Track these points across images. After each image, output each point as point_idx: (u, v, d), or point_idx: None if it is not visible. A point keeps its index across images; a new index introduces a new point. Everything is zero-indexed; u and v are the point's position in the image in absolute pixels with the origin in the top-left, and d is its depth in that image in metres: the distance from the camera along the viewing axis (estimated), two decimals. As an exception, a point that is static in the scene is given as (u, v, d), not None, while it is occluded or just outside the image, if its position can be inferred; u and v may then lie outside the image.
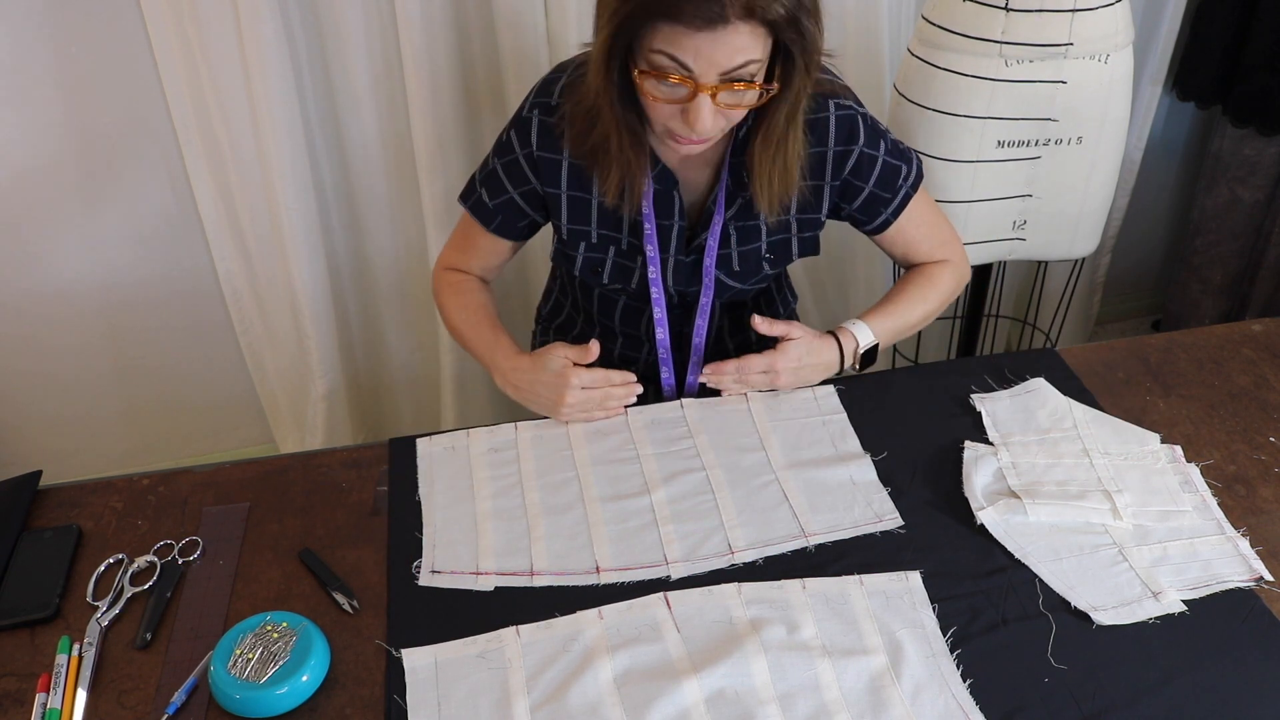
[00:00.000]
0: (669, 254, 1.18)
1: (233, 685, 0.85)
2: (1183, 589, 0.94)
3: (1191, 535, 1.00)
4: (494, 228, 1.23)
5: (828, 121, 1.11)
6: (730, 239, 1.17)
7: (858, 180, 1.15)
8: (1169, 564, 0.97)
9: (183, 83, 1.69)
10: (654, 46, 0.93)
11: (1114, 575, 0.96)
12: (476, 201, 1.23)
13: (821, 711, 0.84)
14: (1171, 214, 2.50)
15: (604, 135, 1.05)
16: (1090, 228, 1.65)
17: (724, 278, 1.20)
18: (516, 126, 1.14)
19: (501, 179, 1.19)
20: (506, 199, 1.20)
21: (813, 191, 1.15)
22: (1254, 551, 0.98)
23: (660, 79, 0.95)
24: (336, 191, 1.87)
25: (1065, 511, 1.01)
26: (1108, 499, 1.03)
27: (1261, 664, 0.88)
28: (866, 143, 1.13)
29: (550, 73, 1.15)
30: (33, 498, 1.08)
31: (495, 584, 0.96)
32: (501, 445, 1.13)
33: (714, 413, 1.17)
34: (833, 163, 1.13)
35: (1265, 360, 1.26)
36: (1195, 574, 0.96)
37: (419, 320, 2.06)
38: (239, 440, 2.21)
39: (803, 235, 1.20)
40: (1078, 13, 1.42)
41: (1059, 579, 0.95)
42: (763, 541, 1.00)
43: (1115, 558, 0.97)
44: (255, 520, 1.05)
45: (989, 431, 1.12)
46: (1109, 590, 0.94)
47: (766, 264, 1.20)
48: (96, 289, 1.90)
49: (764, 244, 1.18)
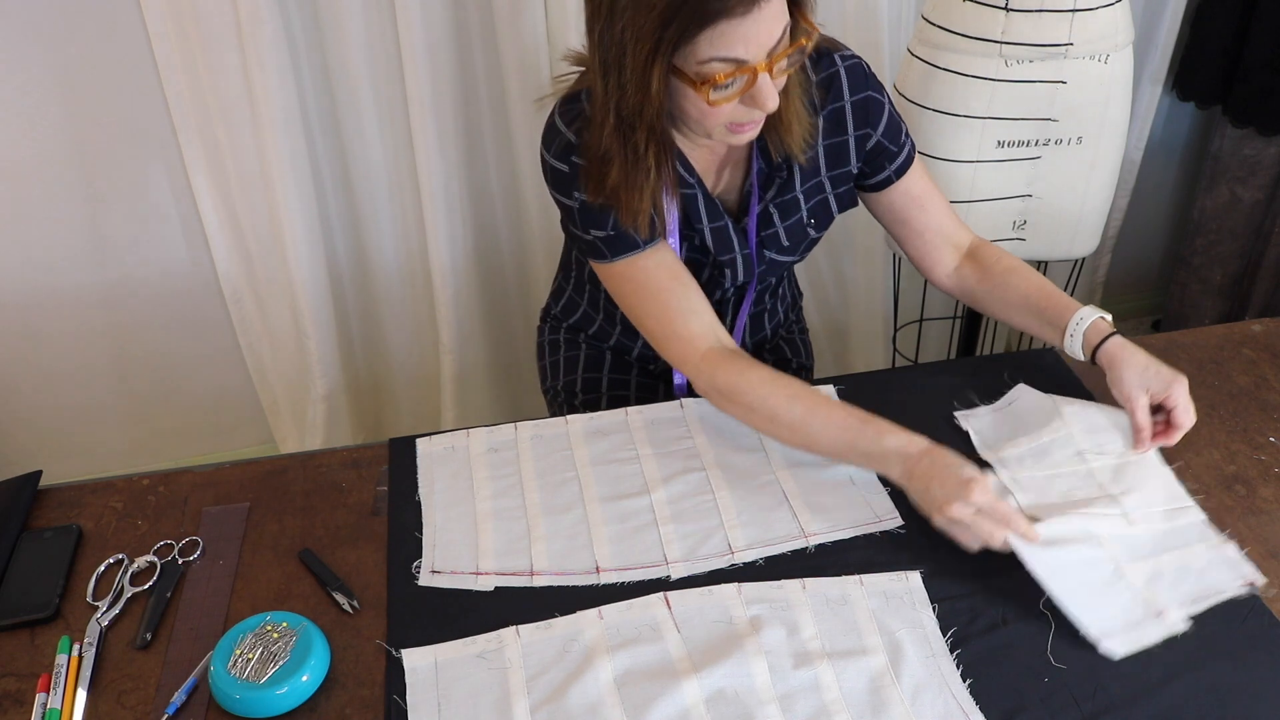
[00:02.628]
0: (734, 252, 1.17)
1: (233, 685, 0.85)
2: (1184, 603, 0.91)
3: (1181, 545, 0.97)
4: (643, 242, 1.09)
5: (839, 75, 1.12)
6: (773, 217, 1.17)
7: (870, 127, 1.15)
8: (1164, 579, 0.94)
9: (183, 83, 1.69)
10: (703, 57, 0.91)
11: (1115, 594, 0.92)
12: (605, 242, 1.09)
13: (821, 712, 0.84)
14: (1171, 214, 2.50)
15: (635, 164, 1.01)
16: (1090, 228, 1.65)
17: (774, 255, 1.20)
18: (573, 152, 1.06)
19: (592, 207, 1.07)
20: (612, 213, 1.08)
21: (838, 147, 1.15)
22: (1242, 554, 0.97)
23: (719, 84, 0.93)
24: (336, 191, 1.87)
25: (1074, 523, 0.98)
26: (1115, 503, 1.01)
27: (1261, 664, 0.88)
28: (874, 89, 1.14)
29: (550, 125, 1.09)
30: (33, 498, 1.08)
31: (495, 584, 0.96)
32: (501, 445, 1.13)
33: (714, 412, 1.16)
34: (852, 114, 1.14)
35: (1265, 360, 1.26)
36: (1191, 586, 0.93)
37: (419, 320, 2.07)
38: (239, 440, 2.21)
39: (838, 191, 1.20)
40: (1078, 13, 1.42)
41: (1069, 598, 0.91)
42: (762, 541, 1.00)
43: (1113, 575, 0.94)
44: (255, 520, 1.05)
45: (979, 450, 1.10)
46: (1113, 612, 0.91)
47: (811, 229, 1.20)
48: (96, 289, 1.90)
49: (804, 212, 1.18)
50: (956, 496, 0.94)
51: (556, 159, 1.08)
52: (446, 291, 1.94)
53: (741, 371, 1.08)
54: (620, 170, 1.02)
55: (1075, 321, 1.12)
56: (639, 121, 0.98)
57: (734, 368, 1.08)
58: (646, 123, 0.98)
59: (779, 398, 1.06)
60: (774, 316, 1.39)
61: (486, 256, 1.99)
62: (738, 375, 1.07)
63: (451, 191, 1.84)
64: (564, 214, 1.13)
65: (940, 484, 0.96)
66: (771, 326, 1.40)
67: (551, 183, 1.10)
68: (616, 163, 1.02)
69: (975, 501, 0.93)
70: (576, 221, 1.11)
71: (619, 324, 1.35)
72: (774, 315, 1.39)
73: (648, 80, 0.93)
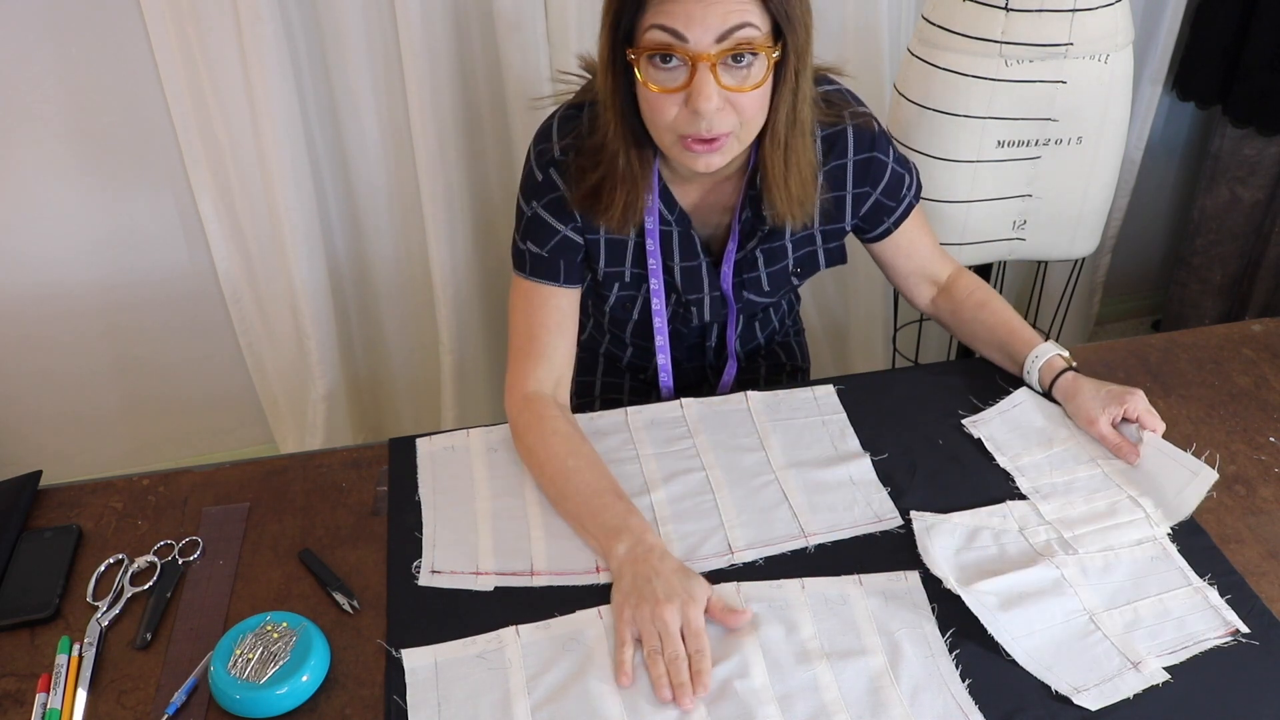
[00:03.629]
0: (703, 293, 1.19)
1: (233, 685, 0.85)
2: (1162, 653, 0.88)
3: (1160, 591, 0.94)
4: (563, 279, 1.12)
5: (845, 133, 1.12)
6: (757, 262, 1.17)
7: (870, 186, 1.16)
8: (1142, 627, 0.91)
9: (183, 83, 1.69)
10: (648, 24, 0.92)
11: (1089, 647, 0.89)
12: (532, 259, 1.12)
13: (821, 712, 0.84)
14: (1171, 214, 2.50)
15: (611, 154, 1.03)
16: (1090, 228, 1.65)
17: (754, 297, 1.21)
18: (553, 165, 1.09)
19: (546, 220, 1.10)
20: (560, 239, 1.11)
21: (835, 203, 1.16)
22: (1224, 601, 0.93)
23: (658, 59, 0.93)
24: (336, 191, 1.87)
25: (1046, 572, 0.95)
26: (1137, 506, 1.02)
27: (1261, 664, 0.88)
28: (880, 149, 1.14)
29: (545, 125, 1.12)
30: (33, 498, 1.08)
31: (495, 584, 0.96)
32: (501, 445, 1.13)
33: (713, 412, 1.17)
34: (853, 172, 1.14)
35: (1265, 360, 1.26)
36: (1171, 635, 0.90)
37: (419, 320, 2.07)
38: (239, 440, 2.21)
39: (828, 246, 1.21)
40: (1078, 13, 1.42)
41: (1034, 659, 0.87)
42: (762, 541, 1.00)
43: (1087, 626, 0.91)
44: (255, 520, 1.05)
45: (995, 456, 1.10)
46: (1087, 665, 0.87)
47: (795, 278, 1.22)
48: (96, 289, 1.90)
49: (790, 261, 1.19)
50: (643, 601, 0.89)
51: (537, 164, 1.10)
52: (446, 291, 1.94)
53: (538, 421, 1.08)
54: (606, 166, 1.05)
55: (1031, 359, 1.17)
56: (612, 113, 1.01)
57: (534, 418, 1.09)
58: (618, 113, 1.00)
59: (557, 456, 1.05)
60: (767, 325, 1.39)
61: (486, 256, 2.00)
62: (534, 424, 1.08)
63: (451, 192, 1.84)
64: (517, 213, 1.15)
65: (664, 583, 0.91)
66: (766, 334, 1.40)
67: (523, 179, 1.13)
68: (604, 159, 1.04)
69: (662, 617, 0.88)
70: (520, 227, 1.13)
71: (607, 333, 1.35)
72: (767, 324, 1.39)
73: (613, 58, 0.96)
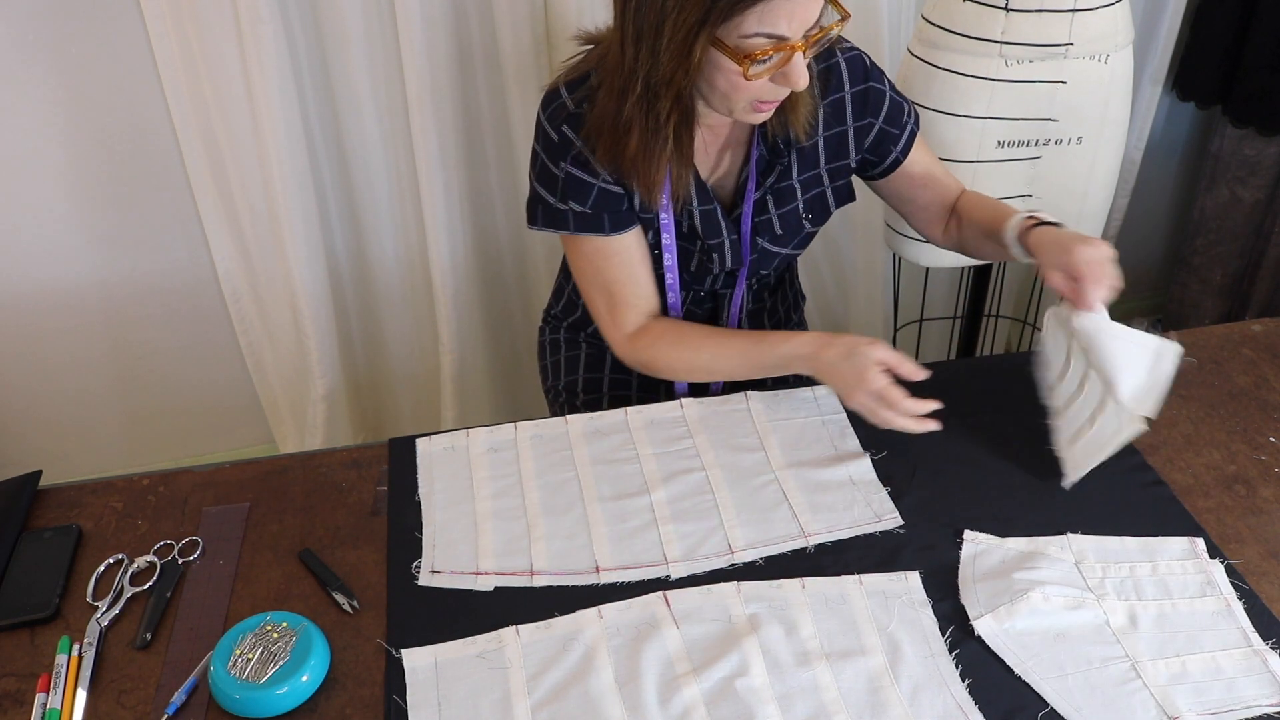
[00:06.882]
0: (722, 236, 1.18)
1: (233, 685, 0.85)
2: (1204, 713, 0.83)
3: (1216, 648, 0.88)
4: (612, 227, 1.13)
5: (839, 66, 1.14)
6: (768, 204, 1.18)
7: (871, 116, 1.17)
8: (1188, 682, 0.85)
9: (183, 83, 1.69)
10: (748, 31, 0.93)
11: (1126, 695, 0.84)
12: (576, 217, 1.12)
13: (820, 712, 0.84)
14: (1171, 214, 2.50)
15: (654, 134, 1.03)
16: (1090, 228, 1.65)
17: (767, 244, 1.21)
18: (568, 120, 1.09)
19: (580, 177, 1.10)
20: (598, 191, 1.11)
21: (838, 139, 1.17)
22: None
23: (758, 59, 0.95)
24: (336, 191, 1.87)
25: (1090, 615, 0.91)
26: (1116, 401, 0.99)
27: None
28: (875, 78, 1.16)
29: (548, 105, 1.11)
30: (33, 498, 1.08)
31: (495, 584, 0.96)
32: (501, 445, 1.13)
33: (713, 412, 1.17)
34: (852, 105, 1.16)
35: (1265, 360, 1.26)
36: (1218, 696, 0.84)
37: (419, 320, 2.07)
38: (239, 440, 2.21)
39: (836, 184, 1.21)
40: (1078, 13, 1.42)
41: (1064, 699, 0.84)
42: (762, 541, 1.00)
43: (1127, 673, 0.86)
44: (255, 520, 1.05)
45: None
46: (1120, 713, 0.83)
47: (807, 222, 1.22)
48: (96, 289, 1.90)
49: (800, 203, 1.19)
50: (856, 387, 1.05)
51: (551, 124, 1.10)
52: (446, 291, 1.94)
53: (651, 344, 1.18)
54: (640, 140, 1.04)
55: (1008, 231, 1.12)
56: (666, 91, 1.00)
57: (644, 342, 1.19)
58: (674, 93, 1.00)
59: (684, 356, 1.17)
60: (774, 315, 1.39)
61: (486, 256, 1.99)
62: (648, 349, 1.19)
63: (451, 191, 1.84)
64: (543, 181, 1.13)
65: (841, 377, 1.07)
66: (771, 325, 1.40)
67: (543, 146, 1.12)
68: (636, 133, 1.04)
69: (871, 389, 1.04)
70: (558, 191, 1.12)
71: None
72: (774, 314, 1.39)
73: (688, 50, 0.95)
